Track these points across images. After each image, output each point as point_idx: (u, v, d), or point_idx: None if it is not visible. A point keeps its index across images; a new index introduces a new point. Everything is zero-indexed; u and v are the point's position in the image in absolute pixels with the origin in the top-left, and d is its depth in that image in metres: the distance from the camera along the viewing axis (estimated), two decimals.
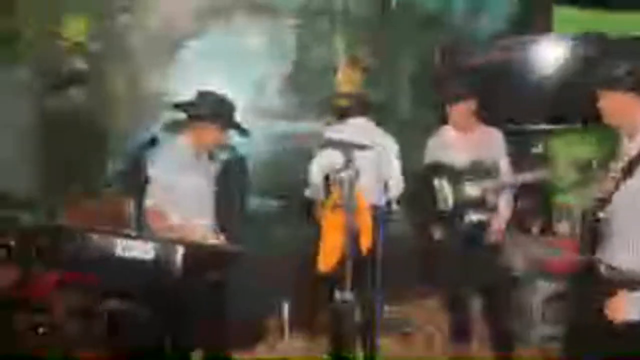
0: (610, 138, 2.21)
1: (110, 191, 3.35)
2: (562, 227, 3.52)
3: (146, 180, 2.31)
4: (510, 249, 3.52)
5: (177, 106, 2.62)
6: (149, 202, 2.51)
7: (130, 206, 2.64)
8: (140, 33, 3.51)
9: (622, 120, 1.88)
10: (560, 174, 3.35)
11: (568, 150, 3.86)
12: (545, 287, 3.36)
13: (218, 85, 3.56)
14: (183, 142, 2.63)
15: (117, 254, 1.74)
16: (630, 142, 1.89)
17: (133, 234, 1.85)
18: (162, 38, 3.56)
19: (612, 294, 1.83)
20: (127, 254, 1.76)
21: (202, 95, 2.61)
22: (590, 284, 1.99)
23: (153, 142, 2.61)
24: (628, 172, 1.81)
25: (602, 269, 1.89)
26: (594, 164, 2.55)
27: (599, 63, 1.95)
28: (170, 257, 1.73)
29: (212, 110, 2.52)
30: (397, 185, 3.07)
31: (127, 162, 2.49)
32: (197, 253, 1.86)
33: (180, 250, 1.73)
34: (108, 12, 3.45)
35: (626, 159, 1.86)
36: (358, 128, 3.03)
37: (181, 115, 2.61)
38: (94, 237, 1.78)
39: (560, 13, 3.95)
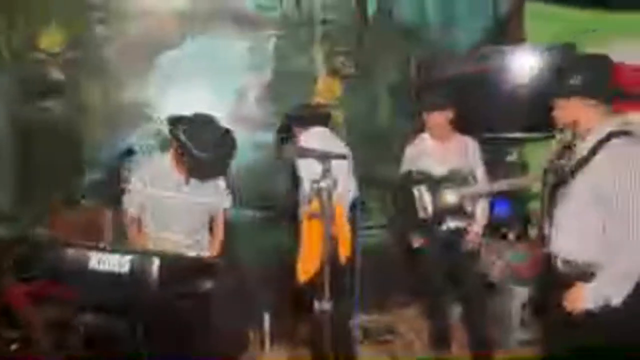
0: None
1: (88, 202, 3.32)
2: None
3: (122, 191, 2.29)
4: (487, 255, 3.57)
5: (171, 124, 2.51)
6: (129, 210, 2.52)
7: (107, 216, 2.63)
8: (118, 43, 3.49)
9: (575, 124, 1.97)
10: (535, 180, 3.42)
11: (542, 158, 3.93)
12: (522, 292, 3.41)
13: (198, 94, 3.59)
14: (167, 159, 2.60)
15: (91, 267, 1.73)
16: (582, 145, 1.97)
17: (108, 247, 1.83)
18: (140, 48, 3.54)
19: (569, 286, 1.91)
20: (102, 267, 1.74)
21: (197, 121, 2.47)
22: (550, 281, 2.07)
23: (130, 152, 2.60)
24: (577, 169, 1.91)
25: (559, 263, 1.99)
26: None
27: (560, 74, 2.04)
28: (146, 270, 1.71)
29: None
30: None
31: (103, 172, 2.48)
32: (173, 265, 1.85)
33: (156, 262, 1.72)
34: (84, 22, 3.43)
35: (577, 158, 1.96)
36: (323, 137, 3.04)
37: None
38: (69, 250, 1.76)
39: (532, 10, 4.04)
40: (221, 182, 2.76)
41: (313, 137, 2.93)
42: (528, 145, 4.11)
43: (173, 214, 2.57)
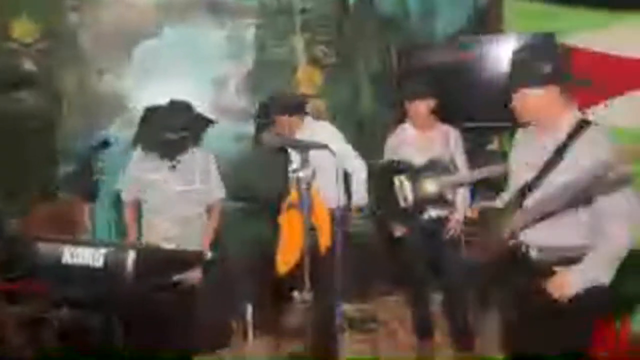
0: None
1: (63, 194, 3.25)
2: None
3: (97, 183, 2.25)
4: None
5: (146, 113, 2.51)
6: (125, 197, 2.56)
7: (83, 209, 2.58)
8: (93, 32, 3.40)
9: (540, 115, 1.96)
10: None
11: None
12: None
13: (176, 84, 3.52)
14: None
15: (64, 261, 1.69)
16: (546, 134, 1.97)
17: (81, 240, 1.79)
18: (116, 37, 3.46)
19: (547, 274, 1.92)
20: (75, 261, 1.70)
21: (173, 106, 2.51)
22: (521, 270, 2.06)
23: (105, 144, 2.55)
24: (552, 164, 1.90)
25: (533, 252, 1.98)
26: None
27: (514, 65, 2.01)
28: (121, 263, 1.68)
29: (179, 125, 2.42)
30: (358, 192, 3.03)
31: (78, 164, 2.43)
32: (150, 258, 1.81)
33: (131, 255, 1.68)
34: (58, 11, 3.33)
35: (547, 152, 1.94)
36: (330, 132, 3.04)
37: None
38: (40, 245, 1.72)
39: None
40: (213, 170, 2.73)
41: (318, 130, 2.91)
42: (508, 133, 4.14)
43: (161, 200, 2.54)
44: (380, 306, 4.04)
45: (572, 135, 1.88)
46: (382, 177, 3.23)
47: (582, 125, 1.88)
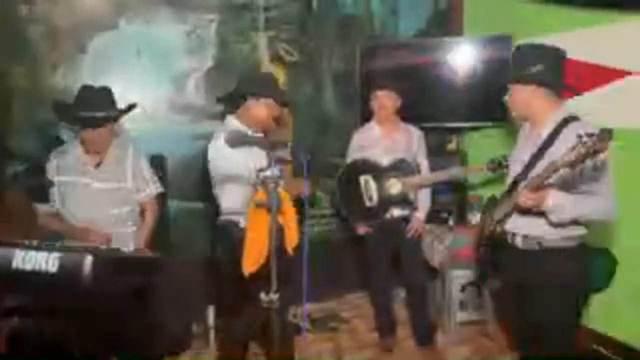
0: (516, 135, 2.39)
1: (14, 195, 3.06)
2: (475, 218, 3.73)
3: (50, 182, 2.13)
4: (429, 241, 3.67)
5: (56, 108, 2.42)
6: (48, 205, 2.38)
7: (36, 210, 2.43)
8: (44, 25, 3.22)
9: (529, 110, 2.12)
10: (475, 171, 3.54)
11: (480, 147, 4.08)
12: (460, 276, 3.54)
13: (132, 81, 3.39)
14: (77, 145, 2.48)
15: (15, 266, 1.57)
16: (535, 130, 2.13)
17: (34, 243, 1.68)
18: (69, 30, 3.29)
19: (525, 260, 2.10)
20: (28, 266, 1.60)
21: (84, 93, 2.43)
22: (505, 259, 2.21)
23: (58, 141, 2.42)
24: (539, 156, 2.04)
25: (518, 241, 2.14)
26: (504, 160, 2.74)
27: (517, 58, 2.13)
28: (77, 267, 1.58)
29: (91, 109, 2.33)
30: None
31: (28, 163, 2.29)
32: (109, 261, 1.73)
33: (88, 259, 1.59)
34: (6, 3, 3.13)
35: (535, 146, 2.09)
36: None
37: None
38: None
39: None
40: (144, 166, 2.65)
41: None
42: (467, 134, 4.24)
43: (81, 202, 2.44)
44: (342, 304, 4.06)
45: (556, 131, 2.01)
46: (347, 176, 3.24)
47: (568, 120, 2.02)
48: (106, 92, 2.46)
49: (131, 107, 2.53)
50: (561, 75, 2.07)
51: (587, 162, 1.65)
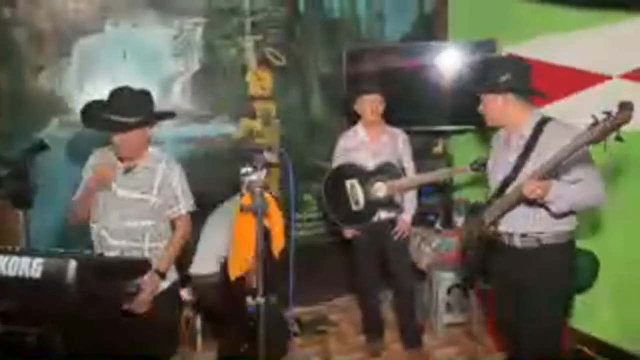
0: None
1: None
2: (461, 221, 3.75)
3: (34, 189, 2.10)
4: (416, 244, 3.69)
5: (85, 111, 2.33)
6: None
7: (18, 217, 2.40)
8: (28, 28, 3.19)
9: (506, 117, 2.22)
10: (459, 172, 3.58)
11: (466, 150, 4.12)
12: (447, 278, 3.56)
13: (118, 84, 3.35)
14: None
15: None
16: (515, 134, 2.21)
17: (16, 249, 1.66)
18: (54, 33, 3.26)
19: (522, 258, 2.17)
20: (10, 272, 1.58)
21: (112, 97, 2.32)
22: (502, 258, 2.26)
23: (42, 146, 2.37)
24: (526, 155, 2.12)
25: (516, 240, 2.20)
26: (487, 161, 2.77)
27: (486, 70, 2.25)
28: (62, 273, 1.57)
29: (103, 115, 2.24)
30: None
31: (11, 168, 2.26)
32: (93, 267, 1.71)
33: (72, 265, 1.58)
34: None
35: (519, 147, 2.17)
36: None
37: None
38: None
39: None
40: (175, 182, 2.46)
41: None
42: (453, 137, 4.28)
43: (102, 206, 2.37)
44: (330, 308, 4.06)
45: (537, 131, 2.10)
46: (334, 180, 3.25)
47: (545, 120, 2.13)
48: (142, 96, 2.37)
49: (166, 114, 2.46)
50: (528, 82, 2.17)
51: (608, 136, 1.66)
